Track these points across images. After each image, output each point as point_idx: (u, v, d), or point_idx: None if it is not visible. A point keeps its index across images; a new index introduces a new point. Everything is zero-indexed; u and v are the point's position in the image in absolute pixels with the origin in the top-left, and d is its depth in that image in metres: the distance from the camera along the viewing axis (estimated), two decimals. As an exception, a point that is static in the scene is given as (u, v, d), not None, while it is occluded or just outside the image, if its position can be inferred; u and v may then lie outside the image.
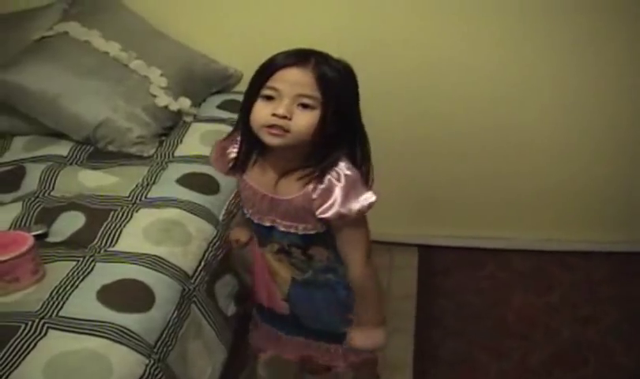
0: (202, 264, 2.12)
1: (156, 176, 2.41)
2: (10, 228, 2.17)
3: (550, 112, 2.98)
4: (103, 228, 2.13)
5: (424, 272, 3.17)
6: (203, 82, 2.94)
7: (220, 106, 2.89)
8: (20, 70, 2.62)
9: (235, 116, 2.73)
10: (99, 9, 2.91)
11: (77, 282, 1.89)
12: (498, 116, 3.01)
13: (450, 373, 2.67)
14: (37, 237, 2.02)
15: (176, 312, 1.92)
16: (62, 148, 2.60)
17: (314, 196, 1.78)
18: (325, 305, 2.00)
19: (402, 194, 3.18)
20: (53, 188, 2.38)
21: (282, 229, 1.88)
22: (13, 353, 1.66)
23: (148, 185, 2.36)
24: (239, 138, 1.89)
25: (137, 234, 2.12)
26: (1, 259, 1.86)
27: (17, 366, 1.63)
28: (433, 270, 3.19)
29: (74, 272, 1.93)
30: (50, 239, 2.12)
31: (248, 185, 1.90)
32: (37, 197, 2.33)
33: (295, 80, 1.72)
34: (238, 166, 1.91)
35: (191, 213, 2.23)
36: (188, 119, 2.76)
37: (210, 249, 2.18)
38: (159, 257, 2.02)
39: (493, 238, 3.23)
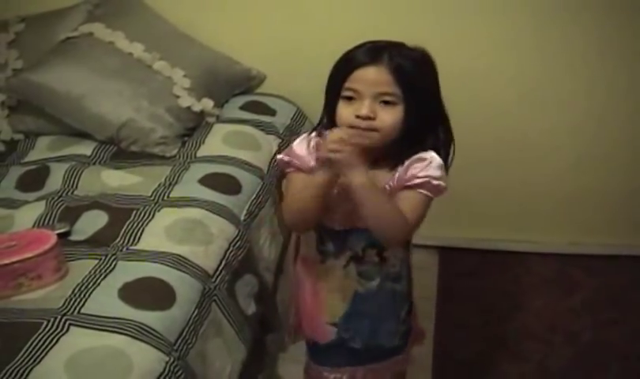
0: (223, 263, 2.13)
1: (179, 176, 2.43)
2: (34, 226, 2.20)
3: (572, 116, 2.96)
4: (125, 227, 2.15)
5: (445, 274, 3.16)
6: (226, 83, 2.95)
7: (243, 108, 2.90)
8: (45, 71, 2.65)
9: (257, 117, 2.79)
10: (123, 11, 2.94)
11: (99, 280, 1.92)
12: (520, 120, 3.00)
13: (469, 375, 2.66)
14: (60, 235, 2.04)
15: (197, 310, 1.93)
16: (86, 148, 2.63)
17: (407, 163, 1.74)
18: (384, 317, 1.93)
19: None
20: (76, 187, 2.41)
21: (361, 226, 1.77)
22: (36, 349, 1.68)
23: (170, 184, 2.38)
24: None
25: (159, 233, 2.14)
26: (24, 257, 1.89)
27: (39, 362, 1.65)
28: (454, 272, 3.17)
29: (96, 270, 1.96)
30: (73, 238, 2.15)
31: (340, 183, 1.75)
32: (60, 196, 2.36)
33: (372, 79, 1.69)
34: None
35: (213, 213, 2.25)
36: (211, 120, 2.77)
37: (231, 248, 2.19)
38: (180, 256, 2.04)
39: (515, 241, 3.22)
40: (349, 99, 1.72)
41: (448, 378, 2.66)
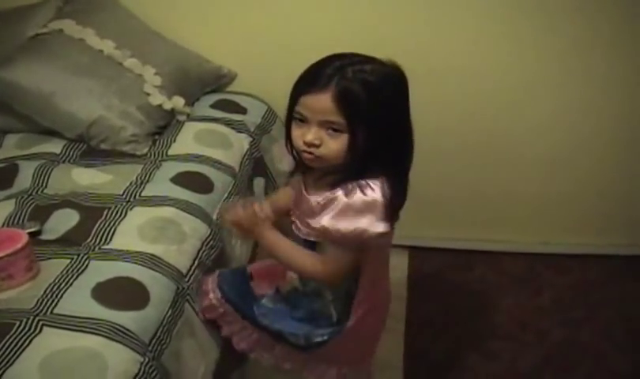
0: (196, 263, 2.12)
1: (150, 174, 2.41)
2: (3, 225, 2.17)
3: (544, 118, 2.98)
4: (97, 226, 2.13)
5: (415, 274, 3.17)
6: (197, 81, 2.94)
7: (214, 106, 2.89)
8: (14, 68, 2.61)
9: (228, 115, 2.80)
10: (94, 8, 2.91)
11: (72, 279, 1.89)
12: (492, 121, 3.01)
13: (440, 375, 2.67)
14: (31, 234, 2.00)
15: (170, 310, 1.91)
16: (55, 146, 2.59)
17: (320, 200, 1.79)
18: (297, 319, 2.02)
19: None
20: (46, 186, 2.38)
21: (293, 227, 1.92)
22: (8, 350, 1.65)
23: (142, 183, 2.36)
24: None
25: (132, 232, 2.12)
26: (-5, 256, 1.86)
27: (12, 364, 1.62)
28: (424, 272, 3.18)
29: (69, 269, 1.93)
30: (44, 237, 2.12)
31: (298, 185, 1.93)
32: (30, 194, 2.32)
33: (317, 107, 1.71)
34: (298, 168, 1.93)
35: (185, 212, 2.23)
36: (181, 118, 2.76)
37: (204, 248, 2.18)
38: (153, 256, 2.02)
39: (485, 240, 3.24)
40: (300, 120, 1.75)
41: (419, 377, 2.66)
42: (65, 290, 1.85)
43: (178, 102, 2.74)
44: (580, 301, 2.98)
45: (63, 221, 2.17)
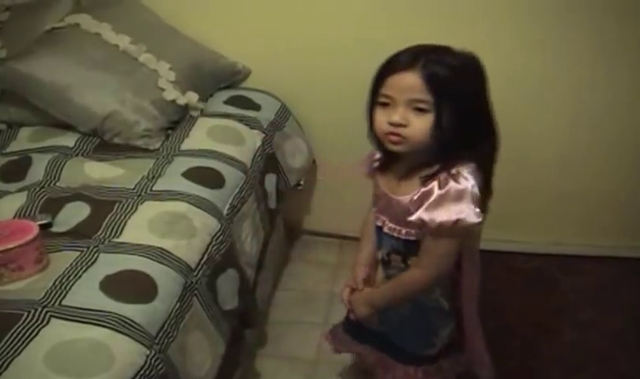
0: (205, 257, 2.12)
1: (162, 169, 2.42)
2: (15, 217, 2.19)
3: (557, 118, 2.97)
4: (107, 219, 2.14)
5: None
6: (211, 77, 2.95)
7: (228, 102, 2.90)
8: (31, 60, 2.64)
9: (241, 112, 2.80)
10: (110, 2, 2.93)
11: (81, 272, 1.90)
12: (505, 120, 2.99)
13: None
14: (42, 226, 2.02)
15: (178, 304, 1.92)
16: (69, 140, 2.61)
17: (415, 197, 1.78)
18: (412, 325, 2.01)
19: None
20: (58, 179, 2.40)
21: (386, 231, 1.92)
22: (16, 340, 1.67)
23: (153, 177, 2.37)
24: None
25: (142, 226, 2.13)
26: (6, 247, 1.88)
27: (20, 353, 1.64)
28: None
29: (78, 261, 1.94)
30: (55, 229, 2.13)
31: (378, 185, 1.95)
32: (42, 187, 2.35)
33: (404, 86, 1.72)
34: (377, 168, 1.96)
35: (196, 207, 2.24)
36: (195, 114, 2.77)
37: (214, 242, 2.19)
38: (163, 249, 2.03)
39: (497, 240, 3.22)
40: (384, 104, 1.76)
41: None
42: (74, 283, 1.86)
43: (192, 97, 2.75)
44: (591, 303, 2.95)
45: (74, 214, 2.19)
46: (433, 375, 2.05)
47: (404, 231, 1.87)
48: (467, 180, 1.73)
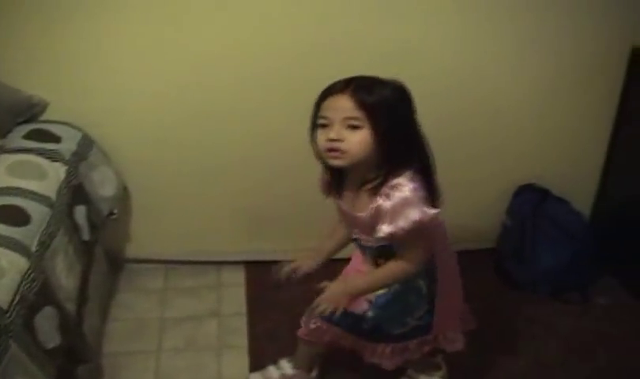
0: (17, 298, 2.01)
1: (-38, 209, 2.28)
2: None
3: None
4: None
5: (254, 289, 3.18)
6: (7, 112, 2.83)
7: (27, 136, 2.79)
8: None
9: (41, 145, 2.71)
10: None
11: None
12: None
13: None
14: None
15: (-8, 350, 1.81)
16: None
17: (369, 216, 2.03)
18: (392, 305, 2.23)
19: (233, 212, 3.24)
20: None
21: (363, 243, 2.18)
22: None
23: (-47, 217, 2.23)
24: None
25: (-56, 269, 2.00)
26: None
27: None
28: (263, 285, 3.15)
29: None
30: None
31: (339, 206, 2.19)
32: None
33: (338, 107, 1.97)
34: (332, 190, 2.20)
35: (2, 247, 2.12)
36: (-6, 151, 2.64)
37: (25, 281, 2.07)
38: (-31, 295, 1.90)
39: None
40: (323, 126, 2.00)
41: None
42: None
43: (-11, 135, 2.62)
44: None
45: None
46: (399, 354, 2.31)
47: (372, 241, 2.12)
48: (407, 185, 1.96)
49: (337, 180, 2.16)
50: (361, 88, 1.96)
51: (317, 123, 2.03)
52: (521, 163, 3.32)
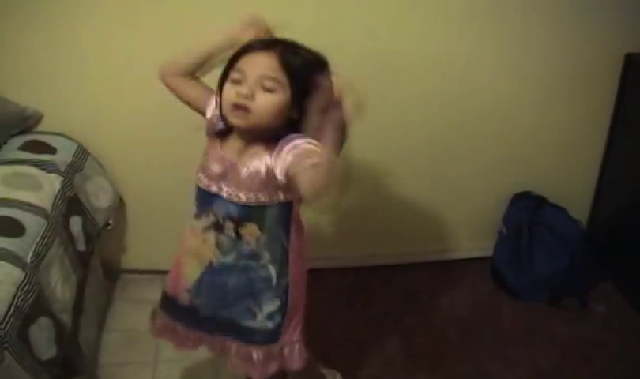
0: (12, 309, 2.00)
1: (-43, 221, 2.28)
2: None
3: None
4: None
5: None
6: (2, 125, 2.82)
7: (22, 148, 2.79)
8: None
9: (36, 156, 2.71)
10: None
11: None
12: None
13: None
14: None
15: (-13, 361, 1.80)
16: None
17: (272, 158, 1.88)
18: (236, 294, 2.07)
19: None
20: None
21: (224, 196, 1.96)
22: None
23: (-52, 232, 2.22)
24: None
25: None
26: None
27: None
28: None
29: None
30: None
31: (217, 151, 2.00)
32: None
33: (259, 63, 1.85)
34: (219, 135, 2.02)
35: (-4, 258, 2.12)
36: (-12, 164, 2.63)
37: (19, 293, 2.07)
38: (-37, 306, 1.90)
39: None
40: (236, 81, 1.87)
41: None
42: None
43: (-17, 148, 2.62)
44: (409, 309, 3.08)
45: None
46: (243, 359, 2.14)
47: (243, 197, 1.94)
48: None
49: (229, 131, 2.01)
50: (288, 50, 1.87)
51: (228, 76, 1.89)
52: (517, 171, 3.34)
